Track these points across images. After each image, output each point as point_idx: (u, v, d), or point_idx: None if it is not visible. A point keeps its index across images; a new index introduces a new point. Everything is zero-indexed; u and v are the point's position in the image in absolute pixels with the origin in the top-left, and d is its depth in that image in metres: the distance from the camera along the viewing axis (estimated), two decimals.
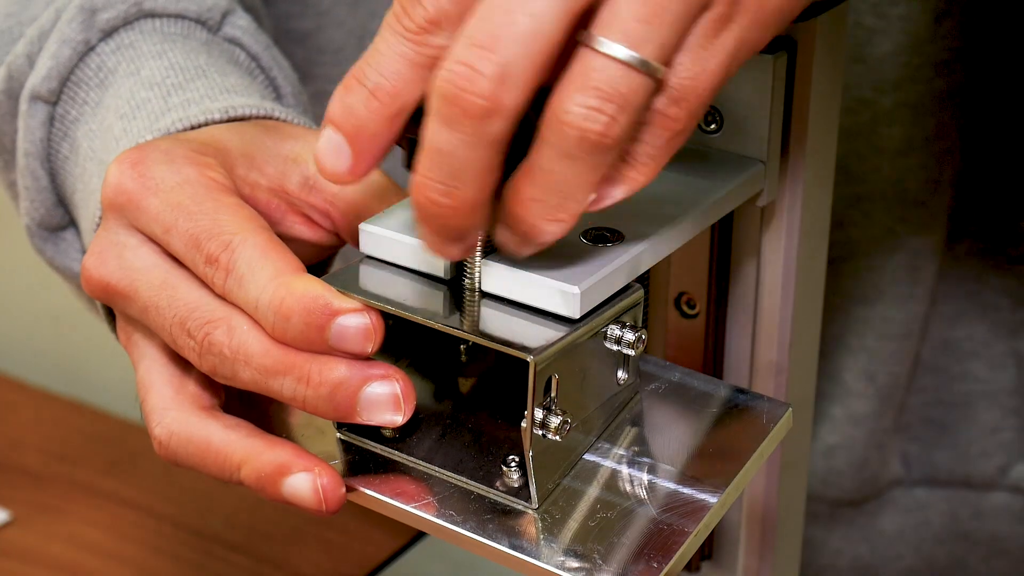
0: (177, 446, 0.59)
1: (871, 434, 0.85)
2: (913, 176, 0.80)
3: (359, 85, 0.51)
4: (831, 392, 0.84)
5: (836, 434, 0.85)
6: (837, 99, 0.62)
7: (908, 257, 0.82)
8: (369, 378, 0.54)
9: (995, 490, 0.86)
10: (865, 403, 0.84)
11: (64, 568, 1.00)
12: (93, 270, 0.60)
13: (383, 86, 0.51)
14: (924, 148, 0.80)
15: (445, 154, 0.49)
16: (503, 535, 0.53)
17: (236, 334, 0.56)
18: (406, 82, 0.50)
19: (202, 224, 0.57)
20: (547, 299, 0.53)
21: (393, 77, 0.50)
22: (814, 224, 0.63)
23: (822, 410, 0.85)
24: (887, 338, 0.83)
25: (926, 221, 0.81)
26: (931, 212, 0.81)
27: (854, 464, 0.85)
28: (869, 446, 0.85)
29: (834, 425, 0.85)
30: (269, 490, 0.57)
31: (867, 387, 0.84)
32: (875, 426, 0.84)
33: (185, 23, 0.72)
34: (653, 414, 0.58)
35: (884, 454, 0.86)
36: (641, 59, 0.48)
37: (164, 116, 0.65)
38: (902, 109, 0.79)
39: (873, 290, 0.82)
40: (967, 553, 0.87)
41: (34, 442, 1.14)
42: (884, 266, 0.82)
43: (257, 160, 0.63)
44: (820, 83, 0.60)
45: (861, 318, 0.83)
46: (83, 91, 0.70)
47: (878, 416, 0.84)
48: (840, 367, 0.84)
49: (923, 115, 0.79)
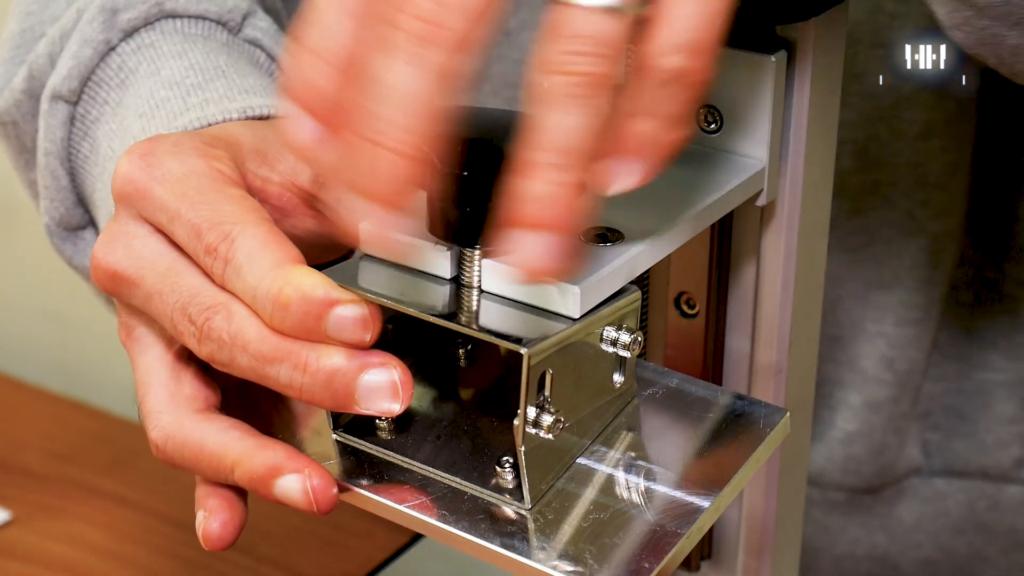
0: (173, 449, 0.59)
1: (889, 420, 0.85)
2: (934, 159, 0.80)
3: (301, 48, 0.50)
4: (849, 380, 0.84)
5: (854, 421, 0.85)
6: (837, 99, 0.62)
7: (928, 241, 0.82)
8: (367, 365, 0.54)
9: (1012, 483, 0.86)
10: (884, 389, 0.84)
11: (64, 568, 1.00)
12: (102, 258, 0.60)
13: (325, 43, 0.49)
14: (944, 131, 0.80)
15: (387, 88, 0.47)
16: (495, 535, 0.53)
17: (235, 320, 0.56)
18: (347, 32, 0.49)
19: (204, 214, 0.57)
20: (547, 297, 0.53)
21: (334, 30, 0.49)
22: (814, 224, 0.63)
23: (840, 398, 0.85)
24: (906, 323, 0.83)
25: (946, 204, 0.81)
26: (951, 195, 0.81)
27: (873, 450, 0.85)
28: (887, 432, 0.85)
29: (852, 412, 0.85)
30: (261, 491, 0.57)
31: (886, 373, 0.84)
32: (893, 411, 0.84)
33: (206, 24, 0.72)
34: (649, 419, 0.58)
35: (902, 439, 0.86)
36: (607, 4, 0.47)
37: (183, 115, 0.66)
38: (923, 93, 0.79)
39: (892, 275, 0.82)
40: (986, 545, 0.87)
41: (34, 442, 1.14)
42: (903, 251, 0.82)
43: (269, 156, 0.63)
44: (820, 83, 0.60)
45: (880, 304, 0.83)
46: (104, 91, 0.70)
47: (896, 401, 0.84)
48: (858, 354, 0.84)
49: (944, 98, 0.79)
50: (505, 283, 0.54)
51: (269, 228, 0.57)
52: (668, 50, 0.48)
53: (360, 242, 0.57)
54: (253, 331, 0.55)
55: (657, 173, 0.50)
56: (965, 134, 0.80)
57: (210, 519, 0.59)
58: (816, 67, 0.59)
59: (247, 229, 0.56)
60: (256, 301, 0.55)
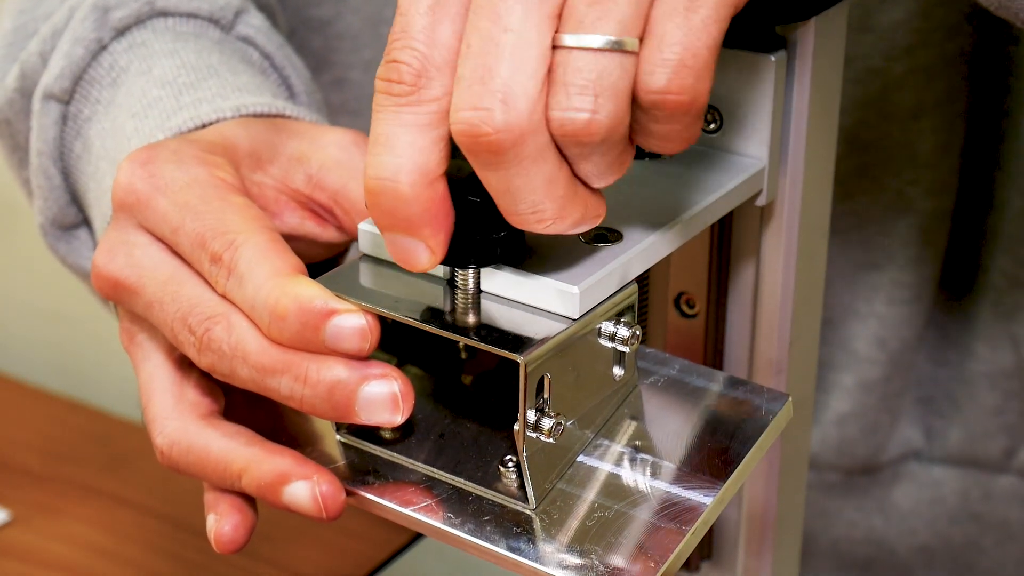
0: (178, 455, 0.59)
1: (882, 399, 0.85)
2: (923, 139, 0.80)
3: (380, 181, 0.50)
4: (841, 361, 0.84)
5: (848, 402, 0.85)
6: (837, 99, 0.62)
7: (919, 219, 0.81)
8: (367, 377, 0.54)
9: (1004, 473, 0.86)
10: (876, 369, 0.84)
11: (64, 568, 1.00)
12: (103, 266, 0.60)
13: (404, 167, 0.49)
14: (935, 111, 0.80)
15: (513, 191, 0.49)
16: (501, 537, 0.53)
17: (235, 331, 0.56)
18: (422, 150, 0.49)
19: (208, 223, 0.57)
20: (546, 299, 0.53)
21: (408, 150, 0.49)
22: (814, 224, 0.63)
23: (832, 380, 0.85)
24: (898, 302, 0.83)
25: (936, 184, 0.81)
26: (941, 175, 0.81)
27: (866, 430, 0.85)
28: (880, 411, 0.85)
29: (846, 393, 0.85)
30: (269, 498, 0.57)
31: (878, 353, 0.84)
32: (886, 391, 0.85)
33: (197, 22, 0.72)
34: (651, 408, 0.58)
35: (894, 418, 0.86)
36: (604, 39, 0.47)
37: (176, 115, 0.66)
38: (913, 75, 0.79)
39: (883, 255, 0.82)
40: (981, 536, 0.87)
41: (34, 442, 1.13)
42: (894, 230, 0.82)
43: (263, 159, 0.63)
44: (819, 82, 0.60)
45: (871, 284, 0.83)
46: (96, 90, 0.70)
47: (889, 380, 0.84)
48: (850, 335, 0.84)
49: (934, 79, 0.79)
50: (503, 284, 0.54)
51: (270, 237, 0.57)
52: (652, 66, 0.48)
53: (359, 243, 0.57)
54: (253, 343, 0.55)
55: None
56: (956, 115, 0.80)
57: (221, 522, 0.59)
58: (816, 67, 0.59)
59: (249, 238, 0.56)
60: (255, 312, 0.55)
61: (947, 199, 0.82)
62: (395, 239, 0.51)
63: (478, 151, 0.47)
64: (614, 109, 0.47)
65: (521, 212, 0.49)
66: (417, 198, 0.50)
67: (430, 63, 0.48)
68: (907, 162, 0.80)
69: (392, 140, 0.49)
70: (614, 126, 0.48)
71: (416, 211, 0.50)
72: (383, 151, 0.49)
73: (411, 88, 0.49)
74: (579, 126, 0.47)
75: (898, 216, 0.81)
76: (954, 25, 0.78)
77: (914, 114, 0.79)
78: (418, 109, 0.49)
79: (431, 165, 0.49)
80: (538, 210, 0.49)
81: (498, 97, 0.47)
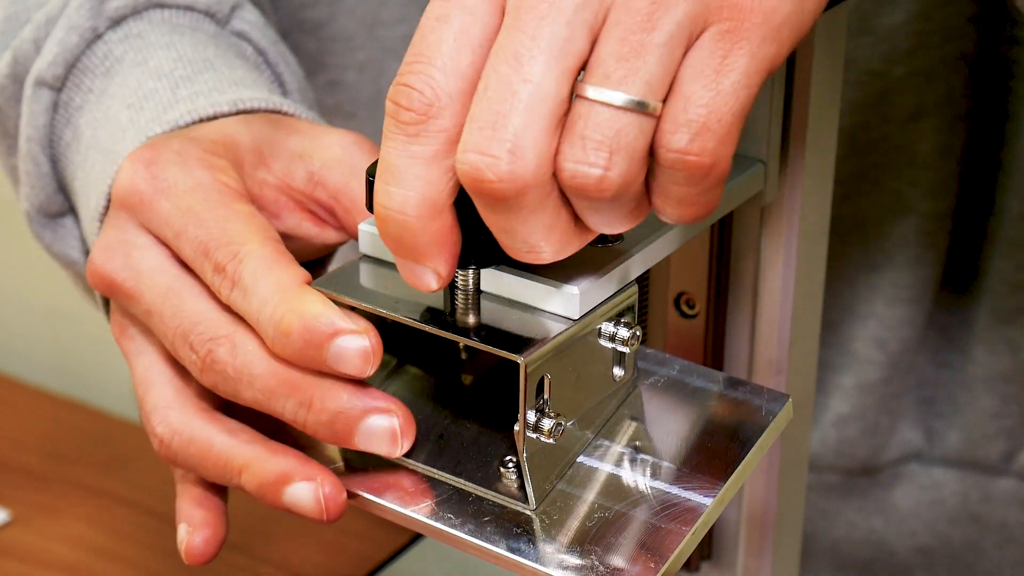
0: (179, 446, 0.59)
1: (882, 400, 0.85)
2: (923, 141, 0.80)
3: (388, 211, 0.49)
4: (841, 363, 0.84)
5: (847, 403, 0.85)
6: (837, 98, 0.62)
7: (919, 221, 0.81)
8: (370, 411, 0.55)
9: (1004, 475, 0.86)
10: (876, 370, 0.84)
11: (64, 568, 0.99)
12: (100, 265, 0.60)
13: (411, 200, 0.49)
14: (935, 113, 0.79)
15: (510, 231, 0.49)
16: (501, 537, 0.53)
17: (240, 353, 0.55)
18: (430, 182, 0.49)
19: (212, 232, 0.57)
20: (546, 299, 0.53)
21: (416, 183, 0.49)
22: (814, 224, 0.63)
23: (832, 381, 0.85)
24: (897, 303, 0.83)
25: (936, 185, 0.81)
26: (941, 177, 0.81)
27: (866, 431, 0.85)
28: (880, 412, 0.85)
29: (845, 395, 0.84)
30: (270, 497, 0.57)
31: (878, 354, 0.84)
32: (886, 392, 0.84)
33: (194, 15, 0.71)
34: (652, 408, 0.58)
35: (894, 420, 0.86)
36: (627, 98, 0.46)
37: (172, 108, 0.65)
38: (913, 77, 0.78)
39: (882, 256, 0.82)
40: (981, 538, 0.87)
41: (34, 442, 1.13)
42: (894, 231, 0.82)
43: (265, 155, 0.63)
44: (820, 82, 0.60)
45: (870, 285, 0.83)
46: (88, 79, 0.70)
47: (888, 382, 0.84)
48: (849, 336, 0.84)
49: (934, 81, 0.79)
50: (503, 284, 0.54)
51: (275, 248, 0.57)
52: (675, 126, 0.47)
53: (359, 243, 0.57)
54: (260, 366, 0.55)
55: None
56: (956, 117, 0.80)
57: (194, 535, 0.59)
58: (816, 66, 0.59)
59: (254, 249, 0.56)
60: (260, 325, 0.55)
61: (947, 201, 0.82)
62: (403, 263, 0.51)
63: (480, 193, 0.47)
64: (627, 168, 0.47)
65: (517, 249, 0.49)
66: (424, 230, 0.49)
67: (443, 92, 0.48)
68: (907, 164, 0.80)
69: (400, 171, 0.49)
70: (626, 184, 0.47)
71: (423, 242, 0.50)
72: (391, 181, 0.49)
73: (421, 118, 0.48)
74: (591, 181, 0.47)
75: (898, 218, 0.81)
76: (954, 28, 0.78)
77: (914, 116, 0.79)
78: (427, 140, 0.48)
79: (440, 197, 0.49)
80: (534, 250, 0.49)
81: (507, 147, 0.46)
